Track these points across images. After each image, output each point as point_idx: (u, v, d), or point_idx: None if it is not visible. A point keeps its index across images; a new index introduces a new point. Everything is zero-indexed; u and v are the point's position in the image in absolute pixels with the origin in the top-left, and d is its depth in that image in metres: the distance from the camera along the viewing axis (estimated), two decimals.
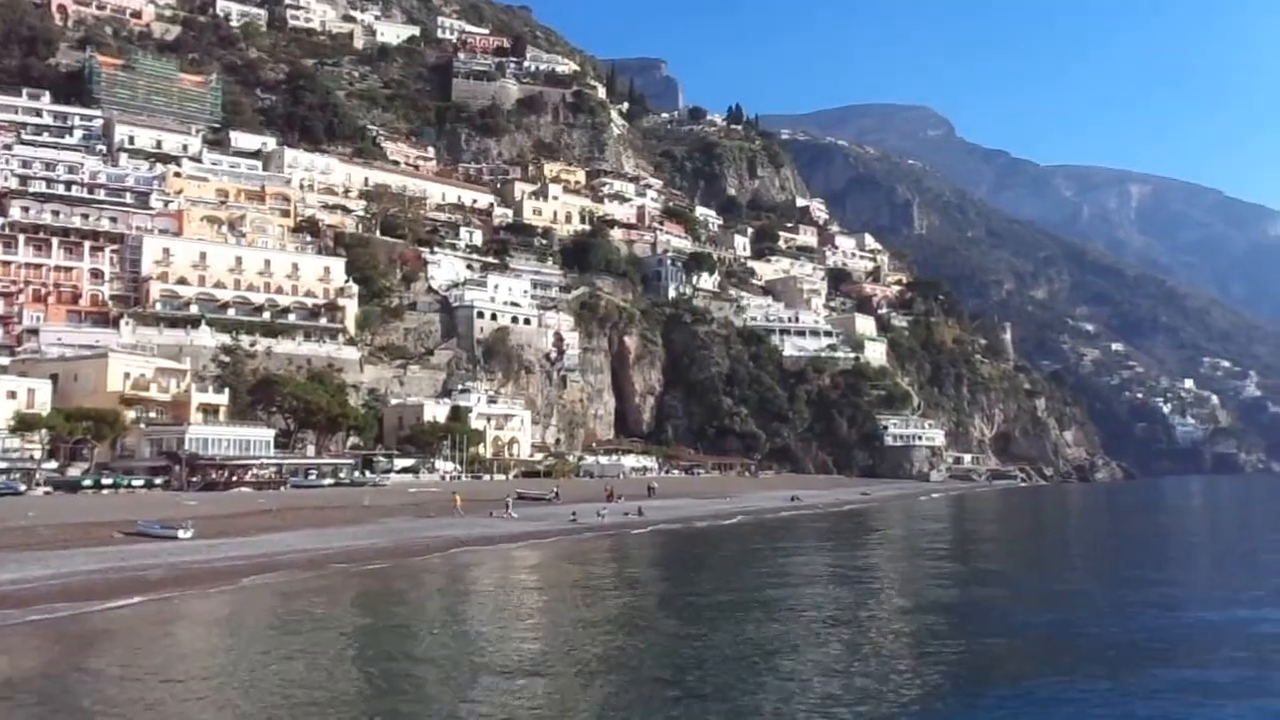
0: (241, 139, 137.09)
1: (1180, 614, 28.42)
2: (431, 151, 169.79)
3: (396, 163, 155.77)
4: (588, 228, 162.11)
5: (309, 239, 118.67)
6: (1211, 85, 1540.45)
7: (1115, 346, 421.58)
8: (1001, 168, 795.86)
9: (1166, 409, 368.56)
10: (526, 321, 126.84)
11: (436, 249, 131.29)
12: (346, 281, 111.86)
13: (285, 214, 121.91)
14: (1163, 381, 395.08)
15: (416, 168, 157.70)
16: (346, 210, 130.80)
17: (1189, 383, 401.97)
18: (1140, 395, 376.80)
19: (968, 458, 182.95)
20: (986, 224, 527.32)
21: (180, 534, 43.14)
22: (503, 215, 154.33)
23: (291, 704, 17.55)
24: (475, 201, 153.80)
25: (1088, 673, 19.97)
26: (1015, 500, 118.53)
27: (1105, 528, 74.39)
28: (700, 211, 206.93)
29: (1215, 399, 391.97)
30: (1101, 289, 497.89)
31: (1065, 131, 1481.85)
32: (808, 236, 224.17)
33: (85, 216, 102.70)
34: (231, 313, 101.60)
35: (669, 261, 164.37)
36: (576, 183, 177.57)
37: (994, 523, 78.13)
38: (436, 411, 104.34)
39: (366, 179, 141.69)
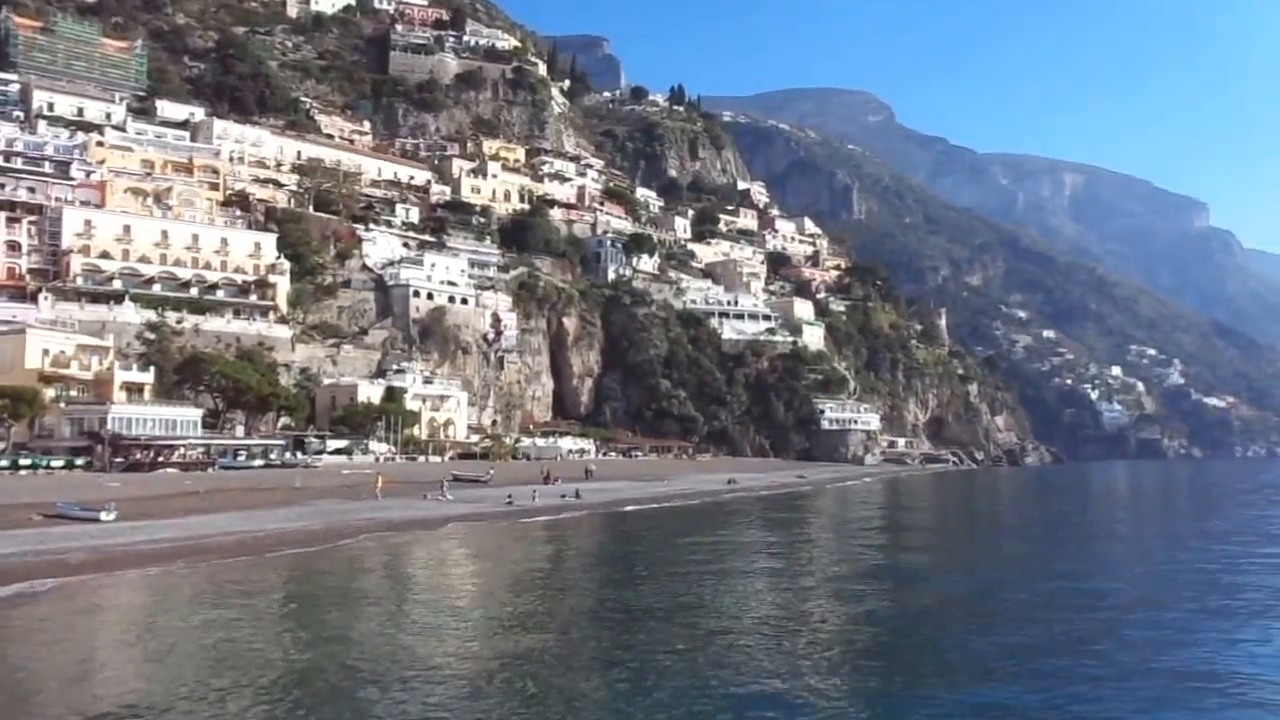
0: (168, 108, 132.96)
1: (1104, 597, 28.95)
2: (367, 126, 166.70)
3: (331, 136, 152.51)
4: (527, 207, 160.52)
5: (239, 213, 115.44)
6: (1145, 78, 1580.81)
7: (1047, 333, 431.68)
8: (939, 154, 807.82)
9: (1094, 395, 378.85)
10: (464, 301, 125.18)
11: (372, 226, 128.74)
12: (278, 258, 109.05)
13: (214, 187, 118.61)
14: (1091, 368, 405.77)
15: (351, 142, 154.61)
16: (278, 184, 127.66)
17: (1116, 370, 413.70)
18: (1069, 382, 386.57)
19: (901, 442, 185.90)
20: (924, 210, 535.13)
21: (102, 516, 41.79)
22: (440, 193, 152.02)
23: (214, 692, 16.92)
24: (412, 178, 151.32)
25: (1006, 646, 20.18)
26: (946, 484, 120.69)
27: (1033, 510, 76.04)
28: (641, 192, 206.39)
29: (1141, 386, 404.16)
30: (1034, 276, 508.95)
31: (1002, 120, 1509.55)
32: (748, 220, 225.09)
33: (1, 186, 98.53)
34: (157, 288, 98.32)
35: (609, 243, 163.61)
36: (516, 161, 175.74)
37: (925, 505, 79.35)
38: (371, 392, 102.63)
39: (299, 153, 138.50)
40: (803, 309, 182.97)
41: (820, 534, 51.49)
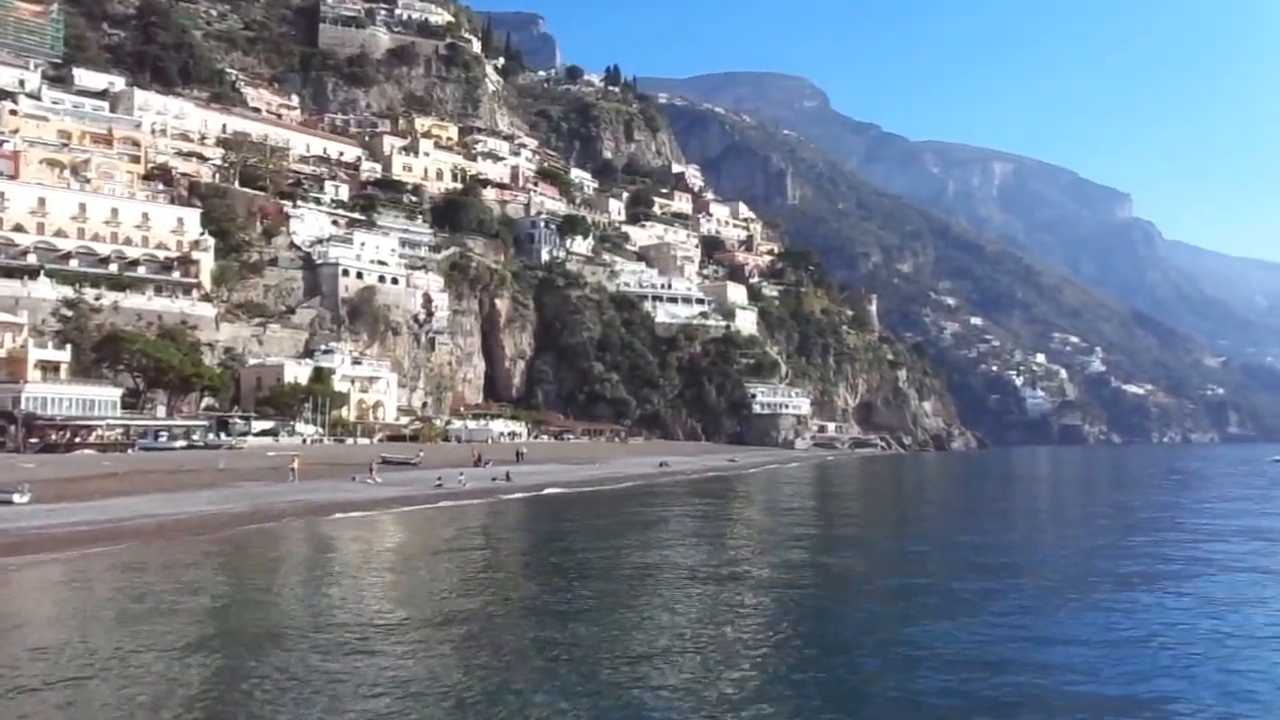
0: (86, 77, 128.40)
1: (1020, 576, 29.90)
2: (295, 100, 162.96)
3: (257, 110, 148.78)
4: (459, 186, 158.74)
5: (161, 188, 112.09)
6: (1073, 69, 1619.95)
7: (974, 320, 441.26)
8: (872, 141, 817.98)
9: (1019, 382, 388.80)
10: (394, 281, 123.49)
11: (300, 203, 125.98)
12: (202, 234, 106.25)
13: (135, 160, 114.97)
14: (1016, 355, 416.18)
15: (279, 116, 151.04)
16: (202, 158, 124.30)
17: (1040, 357, 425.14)
18: (995, 368, 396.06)
19: (831, 426, 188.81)
20: (857, 196, 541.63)
21: (15, 498, 40.50)
22: (371, 170, 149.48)
23: (133, 683, 16.57)
24: (341, 154, 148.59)
25: (926, 621, 20.76)
26: (875, 468, 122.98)
27: (956, 492, 77.96)
28: (575, 174, 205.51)
29: (1064, 373, 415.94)
30: (963, 264, 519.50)
31: (934, 109, 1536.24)
32: (683, 203, 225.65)
33: None
34: (74, 264, 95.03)
35: (542, 224, 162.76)
36: (449, 139, 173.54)
37: (853, 489, 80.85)
38: (298, 372, 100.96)
39: (224, 126, 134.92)
40: (736, 293, 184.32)
41: (750, 516, 52.21)
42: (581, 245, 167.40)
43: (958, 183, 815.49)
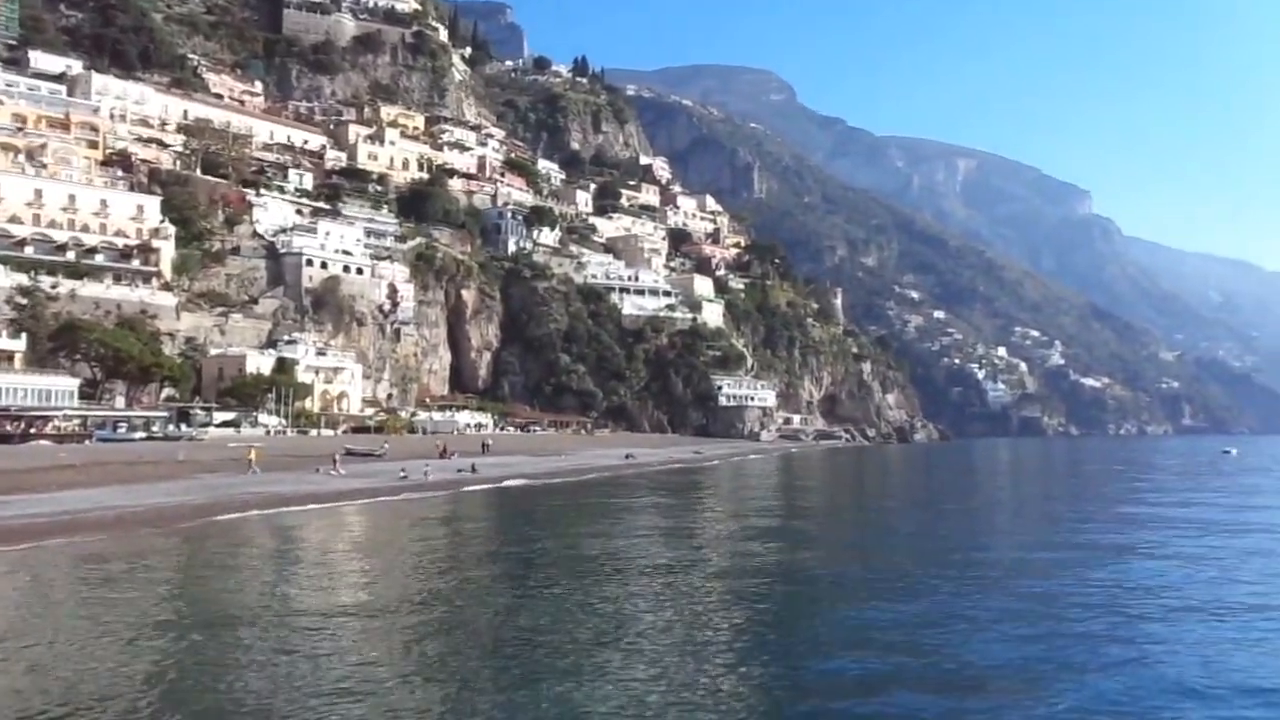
0: (42, 60, 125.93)
1: (978, 556, 30.36)
2: (259, 87, 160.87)
3: (220, 96, 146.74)
4: (426, 176, 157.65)
5: (120, 174, 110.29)
6: (1034, 66, 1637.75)
7: (937, 314, 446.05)
8: (838, 135, 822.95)
9: (980, 375, 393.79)
10: (359, 271, 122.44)
11: (263, 191, 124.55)
12: (162, 222, 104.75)
13: (93, 145, 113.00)
14: (978, 348, 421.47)
15: (242, 103, 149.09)
16: (163, 145, 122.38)
17: (1001, 350, 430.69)
18: (958, 361, 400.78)
19: (797, 418, 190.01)
20: (823, 190, 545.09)
21: None
22: (335, 159, 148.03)
23: (90, 669, 16.40)
24: (306, 143, 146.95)
25: (885, 606, 21.06)
26: (839, 460, 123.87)
27: (919, 483, 78.83)
28: (542, 164, 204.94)
29: (1024, 366, 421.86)
30: (927, 258, 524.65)
31: (900, 103, 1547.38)
32: (650, 195, 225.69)
33: None
34: (30, 251, 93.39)
35: (509, 215, 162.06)
36: (415, 129, 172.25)
37: (817, 481, 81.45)
38: (260, 363, 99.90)
39: (186, 112, 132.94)
40: (703, 286, 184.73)
41: (713, 507, 52.46)
42: (549, 236, 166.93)
43: (922, 177, 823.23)
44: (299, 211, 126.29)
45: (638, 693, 15.46)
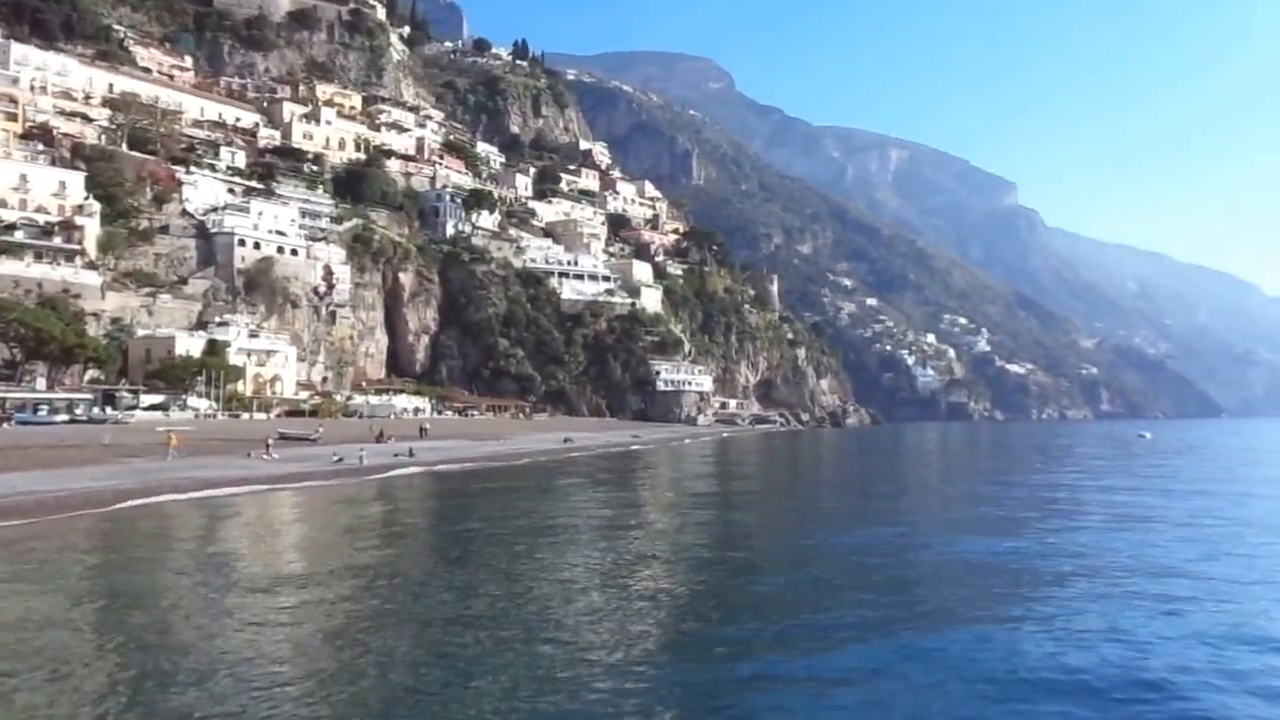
0: None
1: (904, 537, 31.28)
2: (189, 61, 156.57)
3: (148, 70, 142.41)
4: (363, 157, 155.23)
5: (41, 148, 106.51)
6: (965, 62, 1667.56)
7: (870, 301, 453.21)
8: (776, 124, 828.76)
9: (910, 361, 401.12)
10: (294, 252, 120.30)
11: (193, 169, 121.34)
12: (87, 198, 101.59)
13: (12, 118, 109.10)
14: (909, 335, 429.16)
15: (171, 78, 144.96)
16: (87, 119, 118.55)
17: (931, 337, 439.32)
18: (889, 347, 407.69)
19: (733, 403, 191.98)
20: (760, 178, 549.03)
21: None
22: (269, 137, 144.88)
23: (13, 655, 16.07)
24: (239, 120, 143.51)
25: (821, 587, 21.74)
26: (774, 444, 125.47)
27: (851, 465, 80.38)
28: (482, 147, 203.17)
29: (952, 352, 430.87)
30: (860, 246, 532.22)
31: (836, 94, 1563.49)
32: (590, 180, 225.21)
33: None
34: None
35: (448, 197, 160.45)
36: (351, 108, 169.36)
37: (753, 463, 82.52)
38: (190, 345, 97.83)
39: (111, 86, 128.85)
40: (641, 271, 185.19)
41: (651, 490, 52.95)
42: (488, 220, 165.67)
43: (856, 168, 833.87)
44: (231, 190, 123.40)
45: (566, 666, 15.73)
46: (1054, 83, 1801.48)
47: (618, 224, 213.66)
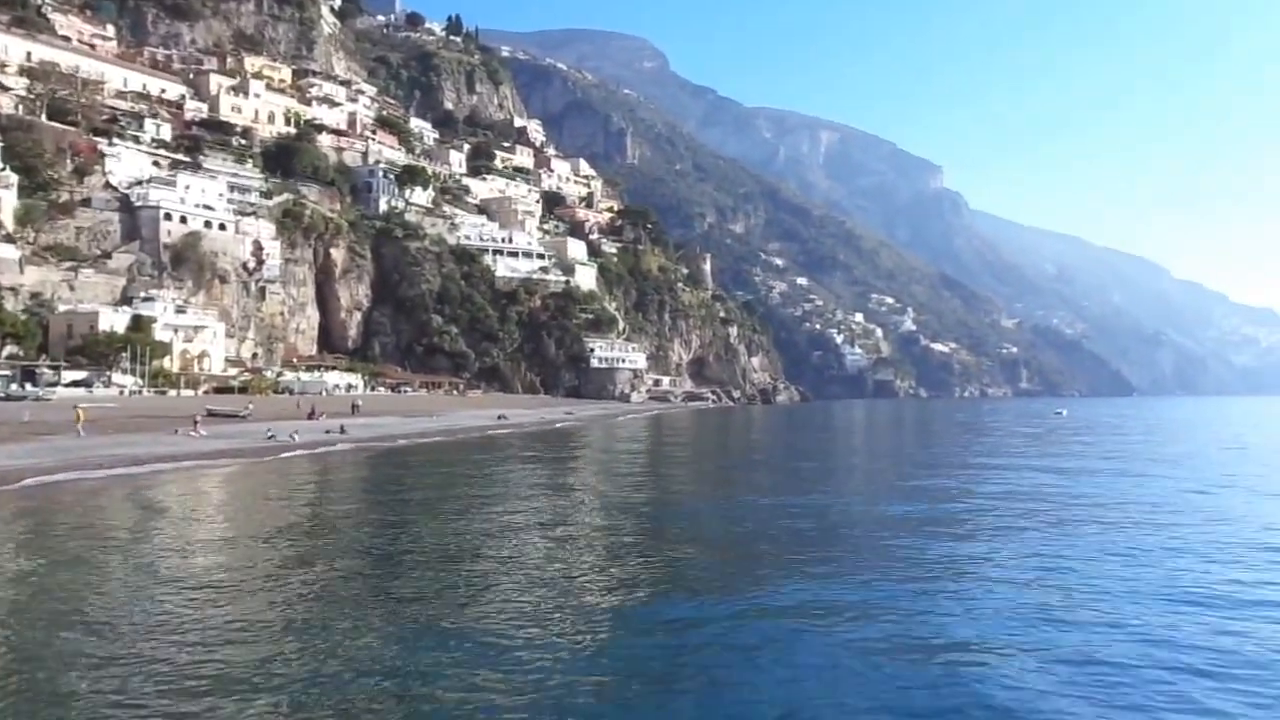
0: None
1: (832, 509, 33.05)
2: (111, 30, 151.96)
3: (67, 38, 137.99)
4: (293, 131, 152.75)
5: None
6: (894, 47, 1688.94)
7: (800, 280, 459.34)
8: (709, 105, 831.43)
9: (839, 339, 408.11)
10: (222, 227, 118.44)
11: (116, 141, 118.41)
12: (3, 169, 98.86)
13: None
14: (838, 314, 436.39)
15: (92, 47, 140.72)
16: (3, 88, 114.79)
17: (859, 316, 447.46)
18: (818, 326, 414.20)
19: (666, 380, 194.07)
20: (694, 158, 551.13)
21: None
22: (196, 109, 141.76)
23: None
24: (164, 91, 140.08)
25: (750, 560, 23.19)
26: (706, 420, 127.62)
27: (779, 440, 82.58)
28: (415, 123, 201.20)
29: (879, 331, 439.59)
30: (791, 227, 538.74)
31: (769, 75, 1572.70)
32: (524, 158, 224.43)
33: None
34: None
35: (381, 173, 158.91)
36: (281, 81, 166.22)
37: (685, 439, 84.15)
38: (115, 320, 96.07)
39: (29, 54, 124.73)
40: (576, 249, 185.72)
41: (586, 465, 54.05)
42: (421, 196, 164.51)
43: (788, 149, 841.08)
44: (156, 163, 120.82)
45: (505, 645, 15.74)
46: (979, 68, 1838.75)
47: (552, 202, 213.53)
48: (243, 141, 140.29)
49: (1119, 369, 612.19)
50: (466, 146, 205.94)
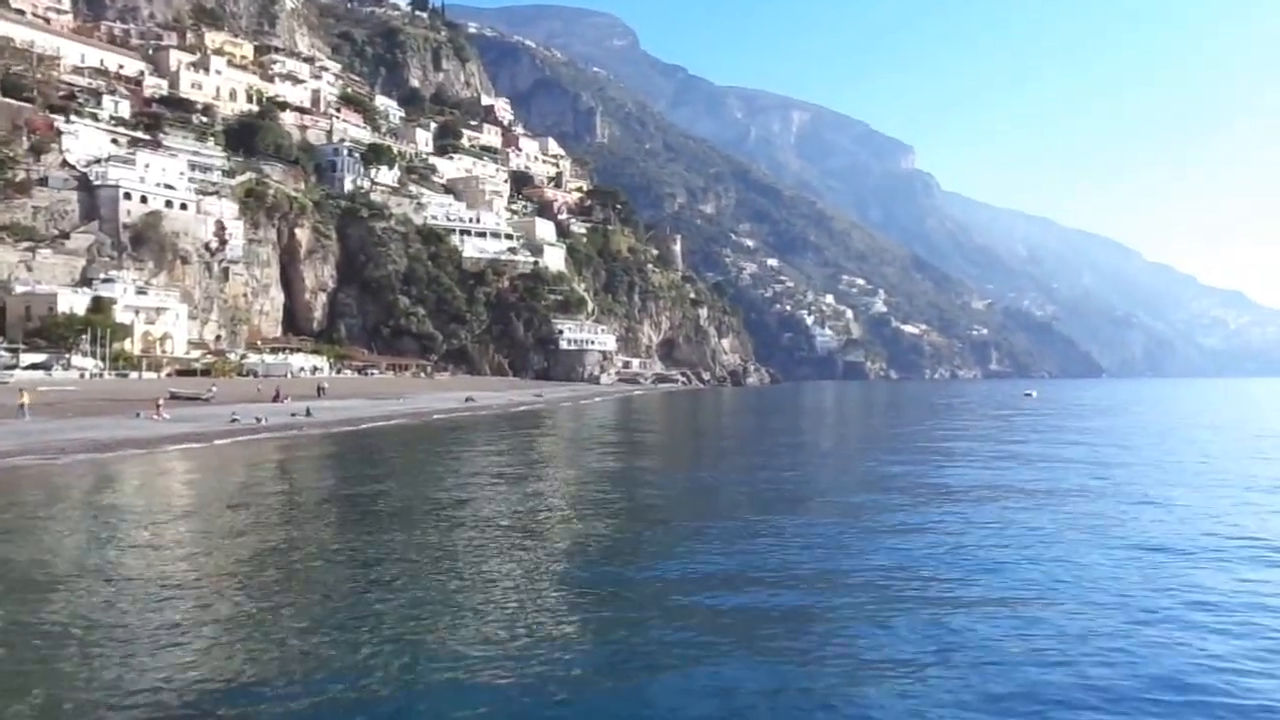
0: None
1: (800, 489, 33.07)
2: (67, 4, 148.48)
3: (21, 12, 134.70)
4: (255, 108, 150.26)
5: None
6: (866, 26, 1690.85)
7: (771, 262, 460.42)
8: (680, 84, 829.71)
9: (809, 321, 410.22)
10: (183, 206, 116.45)
11: (74, 118, 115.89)
12: None
13: None
14: (808, 296, 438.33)
15: (48, 21, 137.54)
16: None
17: (829, 298, 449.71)
18: (789, 308, 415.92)
19: (636, 362, 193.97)
20: (664, 138, 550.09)
21: None
22: (155, 86, 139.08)
23: None
24: (122, 68, 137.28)
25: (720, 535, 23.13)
26: (675, 402, 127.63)
27: (749, 423, 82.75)
28: (381, 101, 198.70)
29: (850, 313, 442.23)
30: (762, 207, 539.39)
31: (740, 54, 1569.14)
32: (492, 137, 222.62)
33: None
34: None
35: (346, 152, 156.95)
36: (243, 57, 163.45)
37: (655, 421, 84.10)
38: (74, 302, 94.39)
39: None
40: (544, 230, 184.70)
41: (553, 449, 53.79)
42: (387, 175, 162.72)
43: (759, 129, 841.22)
44: (115, 141, 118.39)
45: (478, 630, 15.72)
46: (952, 49, 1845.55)
47: (521, 181, 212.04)
48: (204, 119, 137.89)
49: (1089, 351, 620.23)
50: (433, 125, 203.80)
